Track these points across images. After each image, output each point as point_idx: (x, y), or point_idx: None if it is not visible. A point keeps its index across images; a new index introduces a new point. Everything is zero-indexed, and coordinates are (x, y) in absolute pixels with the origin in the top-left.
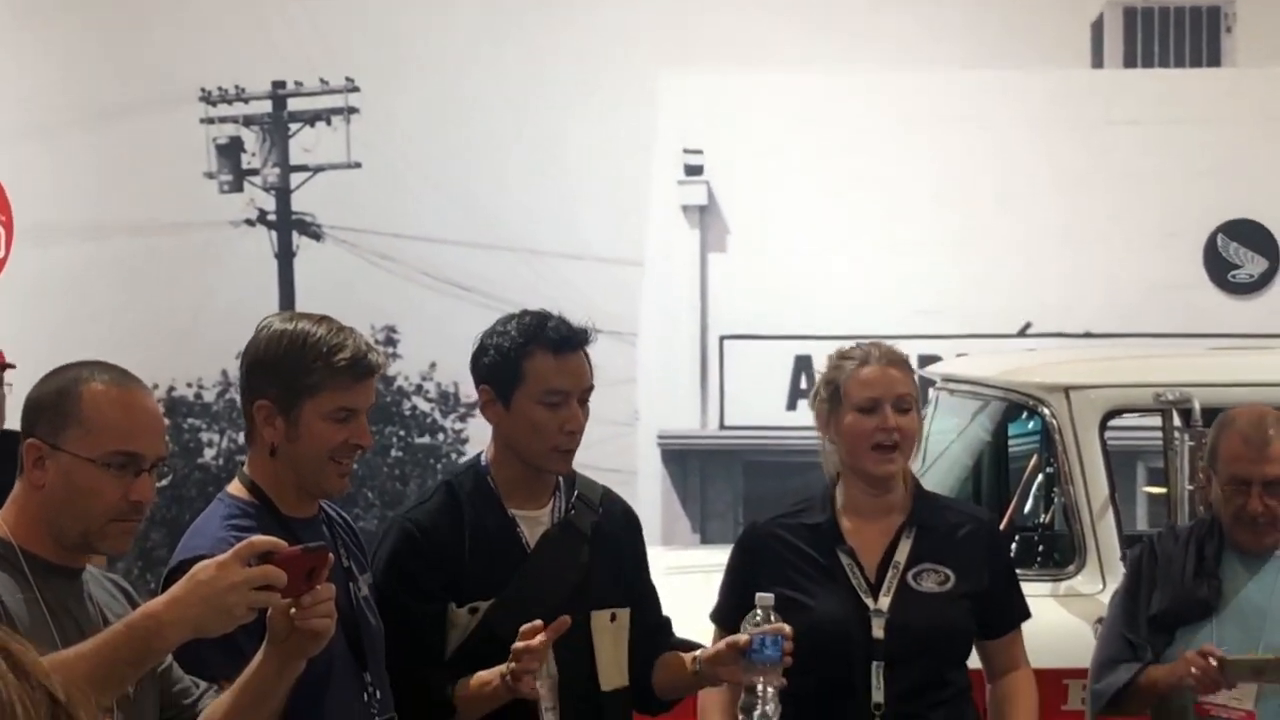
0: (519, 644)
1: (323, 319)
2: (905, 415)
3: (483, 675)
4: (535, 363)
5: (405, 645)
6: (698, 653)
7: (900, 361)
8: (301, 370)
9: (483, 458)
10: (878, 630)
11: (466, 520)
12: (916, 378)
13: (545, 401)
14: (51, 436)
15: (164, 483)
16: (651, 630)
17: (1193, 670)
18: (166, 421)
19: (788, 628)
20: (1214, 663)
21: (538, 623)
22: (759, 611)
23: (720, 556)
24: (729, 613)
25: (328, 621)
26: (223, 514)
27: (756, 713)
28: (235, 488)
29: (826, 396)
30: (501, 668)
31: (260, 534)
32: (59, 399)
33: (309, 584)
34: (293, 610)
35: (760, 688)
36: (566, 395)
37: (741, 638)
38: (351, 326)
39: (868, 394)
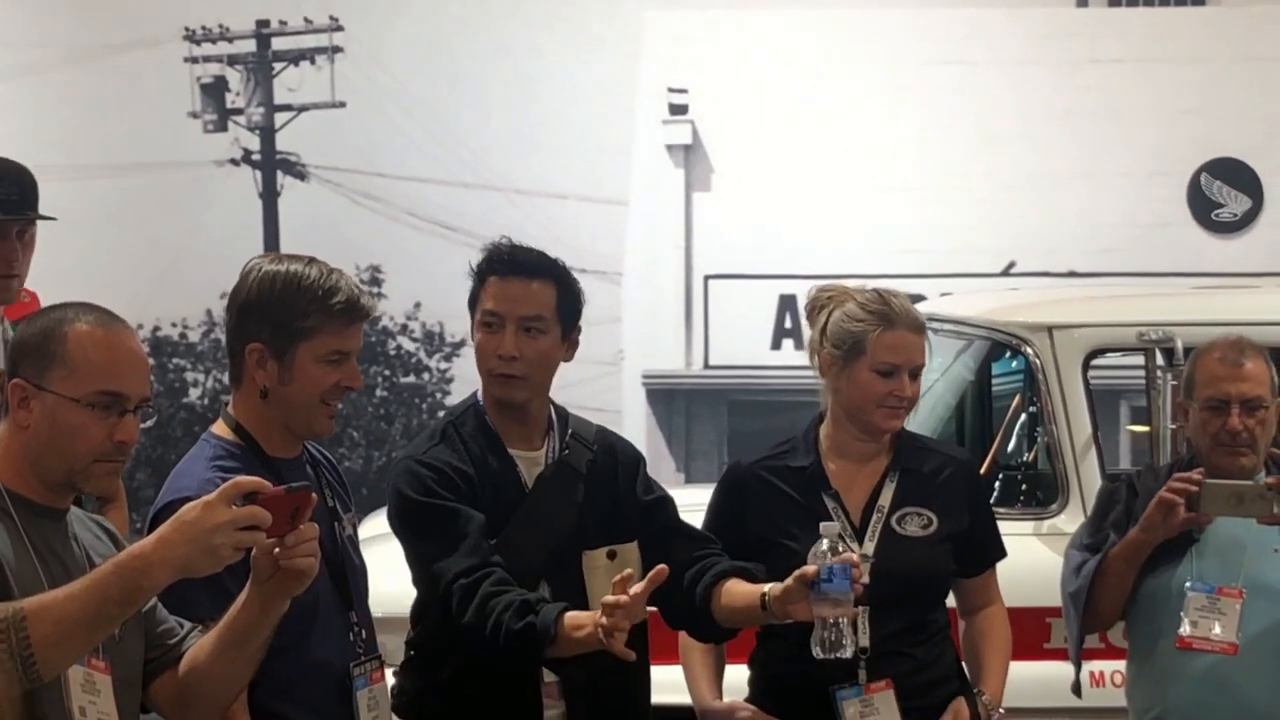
0: (610, 598)
1: (311, 260)
2: (916, 381)
3: (578, 617)
4: (485, 287)
5: (467, 550)
6: (767, 589)
7: (920, 327)
8: (297, 313)
9: (478, 395)
10: (864, 575)
11: (473, 460)
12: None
13: (484, 322)
14: (36, 377)
15: (149, 423)
16: (665, 533)
17: (1171, 486)
18: (151, 361)
19: (855, 556)
20: (1194, 488)
21: (628, 571)
22: (825, 540)
23: (705, 496)
24: None
25: (311, 560)
26: (208, 455)
27: (839, 649)
28: (220, 428)
29: (843, 348)
30: (595, 615)
31: (245, 474)
32: (44, 340)
33: (293, 524)
34: (276, 550)
35: (833, 621)
36: (500, 318)
37: (810, 569)
38: (339, 268)
39: (891, 359)
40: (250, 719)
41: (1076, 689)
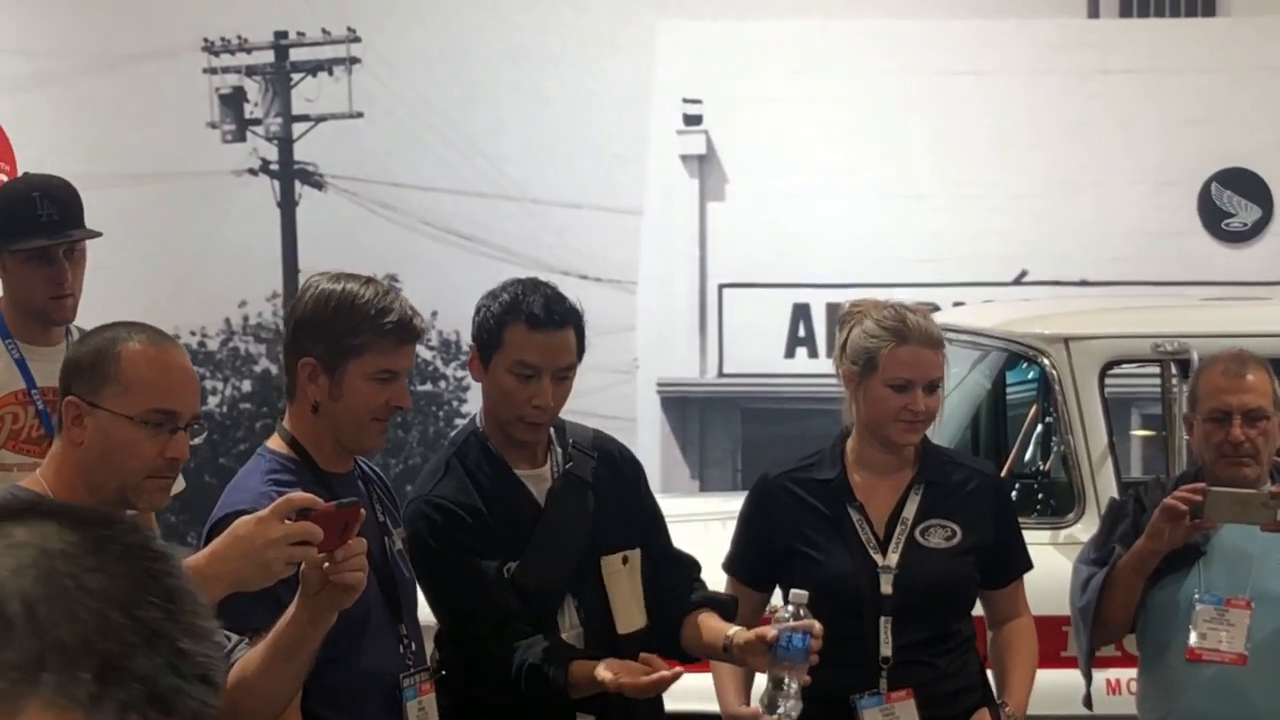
0: (628, 682)
1: (369, 280)
2: (933, 395)
3: (585, 669)
4: (513, 333)
5: (480, 610)
6: (731, 633)
7: (936, 342)
8: (348, 331)
9: (477, 420)
10: (886, 586)
11: (481, 489)
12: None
13: (516, 372)
14: (90, 394)
15: (198, 441)
16: (658, 555)
17: (1176, 494)
18: None
19: (818, 625)
20: (1198, 497)
21: (661, 673)
22: (790, 606)
23: (719, 505)
24: (741, 563)
25: (360, 575)
26: (263, 469)
27: (780, 710)
28: (275, 443)
29: (860, 364)
30: (605, 672)
31: (299, 489)
32: (97, 358)
33: (343, 539)
34: (326, 564)
35: (785, 682)
36: (538, 370)
37: (770, 631)
38: (396, 289)
39: (903, 375)
40: None
41: (1087, 702)
